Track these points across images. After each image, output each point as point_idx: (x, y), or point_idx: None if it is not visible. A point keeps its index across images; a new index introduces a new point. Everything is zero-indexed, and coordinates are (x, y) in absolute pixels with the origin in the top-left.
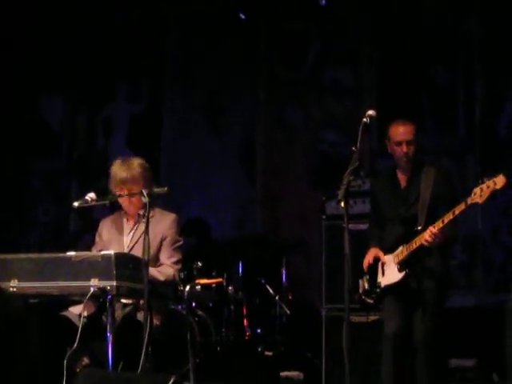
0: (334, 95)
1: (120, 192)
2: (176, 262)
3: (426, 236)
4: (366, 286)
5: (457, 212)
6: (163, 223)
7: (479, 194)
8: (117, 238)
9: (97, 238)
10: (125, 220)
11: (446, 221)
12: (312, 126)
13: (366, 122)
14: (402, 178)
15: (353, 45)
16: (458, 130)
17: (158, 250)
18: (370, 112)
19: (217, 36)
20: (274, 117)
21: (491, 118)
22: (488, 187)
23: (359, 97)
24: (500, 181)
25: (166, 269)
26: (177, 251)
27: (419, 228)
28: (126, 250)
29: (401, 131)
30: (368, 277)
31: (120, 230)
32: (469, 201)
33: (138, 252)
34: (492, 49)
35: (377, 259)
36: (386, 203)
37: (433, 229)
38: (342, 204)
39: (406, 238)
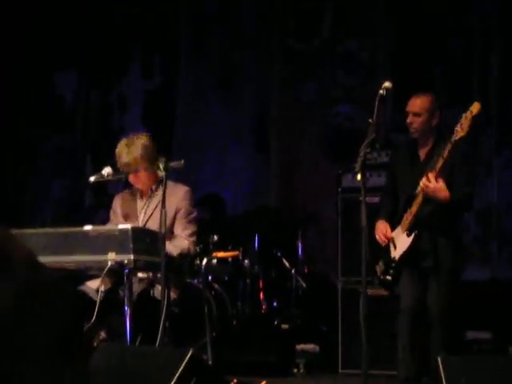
0: (348, 68)
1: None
2: (191, 235)
3: (421, 183)
4: (383, 266)
5: (445, 154)
6: (176, 195)
7: (461, 129)
8: (131, 213)
9: (111, 215)
10: (138, 195)
11: (438, 167)
12: (326, 99)
13: (382, 94)
14: (422, 152)
15: (366, 17)
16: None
17: (172, 222)
18: (387, 84)
19: (229, 11)
20: (287, 90)
21: (507, 91)
22: (466, 118)
23: (373, 69)
24: (475, 107)
25: (180, 241)
26: (191, 223)
27: (417, 191)
28: (140, 225)
29: (410, 102)
30: (382, 259)
31: (133, 205)
32: (453, 139)
33: (152, 226)
34: (509, 21)
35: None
36: (403, 176)
37: (426, 176)
38: (359, 176)
39: (409, 205)
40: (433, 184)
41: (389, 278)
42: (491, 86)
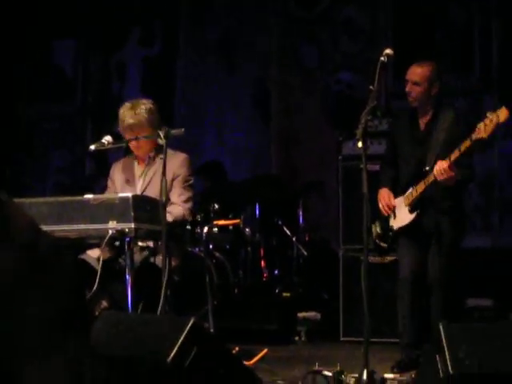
0: (349, 35)
1: (128, 136)
2: (186, 201)
3: (435, 170)
4: (379, 230)
5: (462, 149)
6: (174, 162)
7: (483, 129)
8: (129, 181)
9: (109, 183)
10: (135, 163)
11: (452, 158)
12: (327, 66)
13: (383, 61)
14: (422, 121)
15: None
16: (474, 70)
17: (170, 188)
18: (388, 51)
19: None
20: (288, 57)
21: (508, 57)
22: (491, 121)
23: (374, 36)
24: (503, 113)
25: (175, 209)
26: (187, 189)
27: (427, 168)
28: (138, 193)
29: (409, 70)
30: (380, 222)
31: (131, 173)
32: (473, 136)
33: (151, 193)
34: None
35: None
36: (403, 144)
37: (441, 163)
38: (360, 144)
39: (416, 180)
40: (446, 174)
41: (384, 245)
42: (493, 51)
